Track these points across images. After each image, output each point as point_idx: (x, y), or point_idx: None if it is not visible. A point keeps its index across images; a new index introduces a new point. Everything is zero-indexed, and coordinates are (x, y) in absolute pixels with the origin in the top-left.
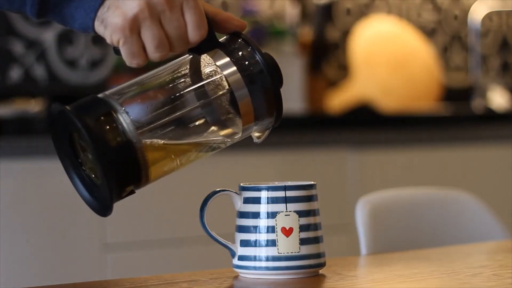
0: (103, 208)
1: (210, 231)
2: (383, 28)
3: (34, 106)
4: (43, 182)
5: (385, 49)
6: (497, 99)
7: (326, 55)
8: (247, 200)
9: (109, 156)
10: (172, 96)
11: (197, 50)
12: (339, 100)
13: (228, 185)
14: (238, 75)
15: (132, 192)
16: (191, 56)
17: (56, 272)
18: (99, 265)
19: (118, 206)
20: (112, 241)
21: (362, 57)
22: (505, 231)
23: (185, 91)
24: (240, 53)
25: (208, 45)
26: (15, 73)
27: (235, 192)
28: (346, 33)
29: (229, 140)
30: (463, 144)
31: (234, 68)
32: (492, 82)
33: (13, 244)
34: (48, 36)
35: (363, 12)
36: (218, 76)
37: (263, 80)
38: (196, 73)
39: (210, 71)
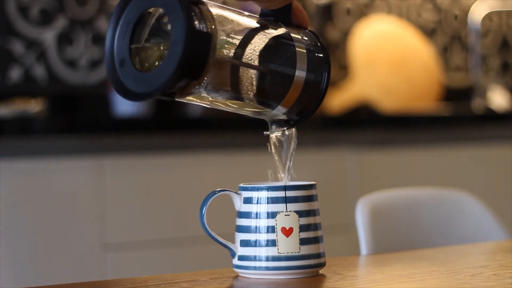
0: (150, 90)
1: (210, 231)
2: (383, 28)
3: (34, 106)
4: (43, 182)
5: (385, 49)
6: (497, 99)
7: None
8: (247, 200)
9: (191, 36)
10: (247, 39)
11: (272, 16)
12: (339, 100)
13: (228, 185)
14: (305, 52)
15: (172, 95)
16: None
17: (56, 272)
18: (99, 265)
19: (118, 206)
20: (112, 241)
21: (362, 57)
22: (505, 231)
23: (259, 43)
24: (307, 39)
25: (283, 17)
26: (15, 73)
27: (235, 192)
28: (346, 33)
29: (260, 108)
30: (463, 144)
31: (304, 45)
32: (492, 82)
33: (13, 244)
34: (48, 36)
35: (363, 12)
36: (288, 45)
37: (321, 74)
38: (269, 34)
39: (283, 40)
